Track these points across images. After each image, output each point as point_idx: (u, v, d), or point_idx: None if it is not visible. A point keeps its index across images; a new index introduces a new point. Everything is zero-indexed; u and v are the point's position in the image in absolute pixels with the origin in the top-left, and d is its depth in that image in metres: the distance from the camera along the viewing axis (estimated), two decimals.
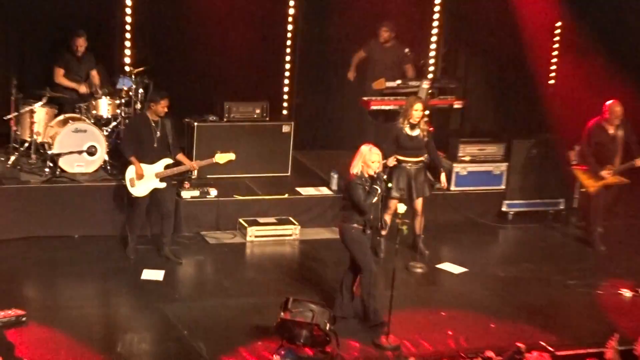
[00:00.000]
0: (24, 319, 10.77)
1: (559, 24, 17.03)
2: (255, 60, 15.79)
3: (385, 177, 11.36)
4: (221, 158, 12.82)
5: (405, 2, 16.35)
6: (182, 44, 15.39)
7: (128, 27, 15.10)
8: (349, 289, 11.44)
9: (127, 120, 14.05)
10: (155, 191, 12.65)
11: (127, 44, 15.14)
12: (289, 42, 16.01)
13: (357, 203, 10.95)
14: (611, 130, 13.90)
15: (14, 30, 14.66)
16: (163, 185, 12.63)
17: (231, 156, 12.86)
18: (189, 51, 15.40)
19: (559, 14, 16.86)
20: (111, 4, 15.06)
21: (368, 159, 11.01)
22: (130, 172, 12.56)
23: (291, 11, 15.92)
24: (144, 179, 12.55)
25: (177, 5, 15.15)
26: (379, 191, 11.03)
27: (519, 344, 9.83)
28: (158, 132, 12.58)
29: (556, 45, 17.26)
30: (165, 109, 12.57)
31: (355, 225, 11.08)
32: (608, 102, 13.87)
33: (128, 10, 15.03)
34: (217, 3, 15.13)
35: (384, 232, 12.60)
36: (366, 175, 11.02)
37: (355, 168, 11.10)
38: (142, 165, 12.52)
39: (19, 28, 14.72)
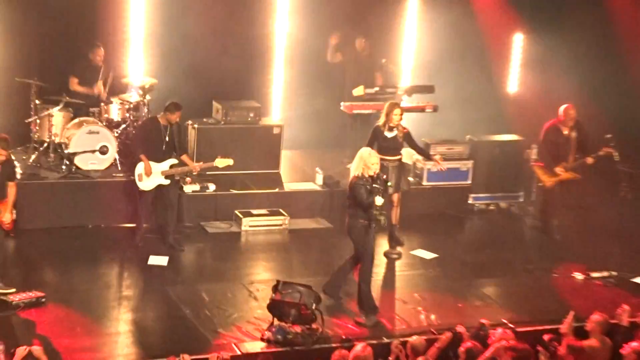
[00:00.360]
0: (43, 299, 10.87)
1: (519, 37, 17.22)
2: (250, 70, 15.81)
3: (385, 176, 11.45)
4: (221, 162, 12.93)
5: (382, 15, 16.46)
6: (184, 54, 15.22)
7: (137, 41, 15.14)
8: (344, 275, 11.55)
9: (138, 123, 14.04)
10: (160, 186, 12.70)
11: (136, 55, 15.16)
12: (279, 56, 15.93)
13: (361, 201, 11.02)
14: (565, 131, 13.94)
15: (34, 42, 14.50)
16: (167, 182, 12.70)
17: (229, 161, 12.96)
18: (190, 60, 15.23)
19: (519, 27, 17.05)
20: (121, 20, 14.99)
21: (368, 162, 11.09)
22: (140, 168, 12.63)
23: (281, 30, 15.91)
24: (151, 176, 12.62)
25: (182, 23, 15.10)
26: (380, 189, 11.01)
27: (483, 321, 10.07)
28: (167, 136, 12.67)
29: (517, 56, 17.38)
30: (177, 119, 12.73)
31: (361, 221, 11.12)
32: (563, 106, 13.95)
33: (137, 25, 15.06)
34: (216, 24, 15.24)
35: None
36: (367, 176, 11.05)
37: (357, 170, 11.15)
38: (150, 163, 12.59)
39: (39, 40, 14.57)
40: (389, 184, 11.66)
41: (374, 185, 11.00)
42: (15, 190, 11.18)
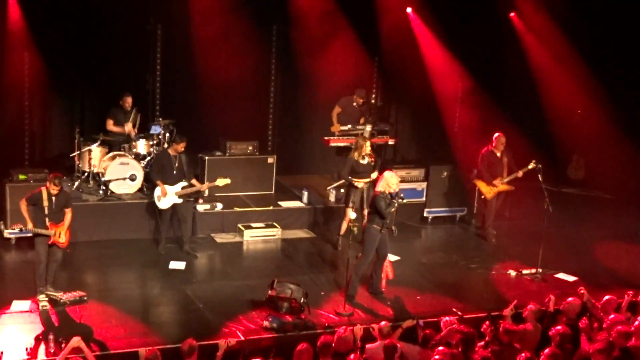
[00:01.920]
0: (85, 298, 10.83)
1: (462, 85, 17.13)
2: (250, 112, 15.72)
3: (402, 194, 11.40)
4: (221, 182, 12.88)
5: (353, 67, 16.25)
6: (195, 99, 15.20)
7: (158, 89, 15.14)
8: (376, 273, 11.54)
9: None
10: (175, 205, 12.63)
11: (157, 101, 15.13)
12: (271, 100, 15.86)
13: (380, 211, 11.09)
14: (498, 154, 13.92)
15: (76, 91, 14.57)
16: (180, 200, 12.63)
17: (228, 181, 12.94)
18: (201, 104, 15.24)
19: (461, 75, 16.93)
20: (145, 74, 15.05)
21: (390, 182, 11.23)
22: (157, 191, 12.59)
23: (275, 80, 15.83)
24: (167, 196, 12.56)
25: (193, 75, 15.04)
26: (396, 204, 11.20)
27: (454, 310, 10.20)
28: (176, 163, 12.61)
29: (459, 97, 17.28)
30: (183, 148, 12.64)
31: (375, 226, 11.18)
32: (495, 135, 13.94)
33: (157, 77, 15.07)
34: (222, 76, 15.05)
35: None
36: (387, 193, 11.18)
37: (381, 187, 11.25)
38: (165, 186, 12.53)
39: (80, 89, 14.66)
40: (403, 200, 11.46)
41: (392, 200, 11.19)
42: (70, 216, 11.03)
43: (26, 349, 9.32)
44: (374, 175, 12.92)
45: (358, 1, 15.74)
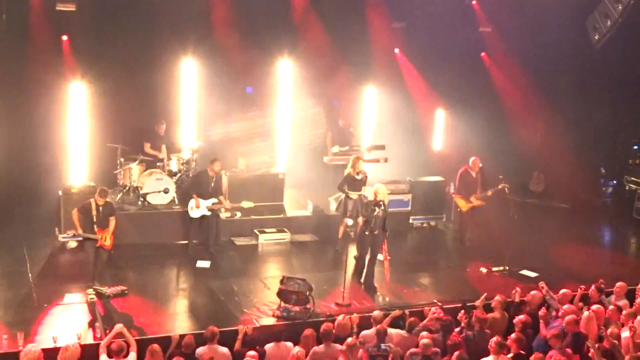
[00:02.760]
0: (126, 291, 10.87)
1: (441, 111, 17.09)
2: (264, 136, 15.73)
3: (383, 203, 11.41)
4: (245, 204, 12.85)
5: (350, 101, 16.43)
6: (219, 125, 15.25)
7: (187, 117, 15.05)
8: (371, 270, 11.57)
9: (189, 173, 14.01)
10: (204, 215, 12.64)
11: (187, 126, 15.08)
12: (284, 127, 15.69)
13: (364, 215, 11.38)
14: (473, 174, 13.92)
15: (119, 117, 14.22)
16: (209, 213, 12.62)
17: (251, 204, 12.91)
18: (223, 129, 15.29)
19: (440, 104, 17.00)
20: (176, 103, 14.96)
21: (379, 191, 11.42)
22: (192, 203, 12.57)
23: (284, 110, 15.63)
24: (199, 208, 12.58)
25: (216, 104, 15.02)
26: (378, 210, 11.25)
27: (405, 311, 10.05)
28: (212, 183, 12.64)
29: (440, 124, 17.26)
30: (217, 168, 12.64)
31: (364, 229, 11.38)
32: (472, 158, 13.99)
33: (186, 105, 15.04)
34: (241, 106, 15.26)
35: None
36: (374, 201, 11.34)
37: (370, 197, 11.52)
38: (199, 200, 12.55)
39: (122, 116, 14.21)
40: (382, 208, 11.44)
41: (374, 207, 11.20)
42: (115, 223, 11.12)
43: (77, 335, 9.34)
44: (365, 188, 12.93)
45: (355, 42, 15.92)
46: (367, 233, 11.32)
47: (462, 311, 9.63)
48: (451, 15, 16.38)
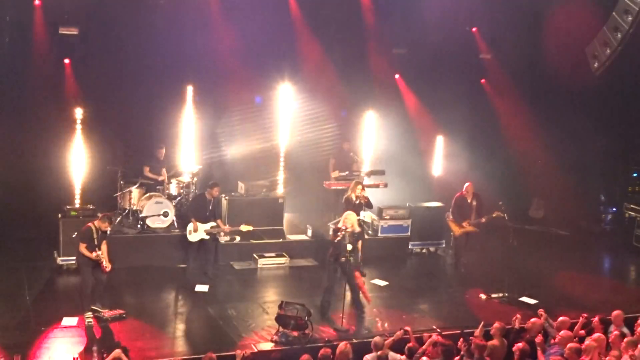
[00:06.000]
0: (124, 315, 10.83)
1: (440, 137, 17.11)
2: (263, 161, 15.77)
3: (353, 231, 11.25)
4: (244, 227, 12.85)
5: (351, 126, 16.47)
6: (218, 150, 15.36)
7: (187, 142, 15.05)
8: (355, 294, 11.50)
9: (189, 196, 14.01)
10: (202, 239, 12.66)
11: (187, 151, 15.07)
12: (282, 152, 15.73)
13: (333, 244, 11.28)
14: (468, 200, 13.95)
15: (119, 142, 14.67)
16: (207, 237, 12.65)
17: (250, 227, 12.91)
18: (223, 154, 15.43)
19: (439, 131, 16.95)
20: (176, 128, 14.96)
21: (347, 220, 11.23)
22: (190, 226, 12.60)
23: (283, 137, 15.68)
24: (197, 232, 12.60)
25: (216, 129, 15.20)
26: (340, 235, 11.09)
27: (406, 328, 9.92)
28: (210, 206, 12.67)
29: (439, 150, 17.16)
30: (216, 193, 12.68)
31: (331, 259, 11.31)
32: (466, 184, 14.04)
33: (186, 132, 15.05)
34: (240, 131, 15.34)
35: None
36: (342, 228, 11.17)
37: (339, 224, 11.32)
38: (197, 223, 12.58)
39: (122, 141, 14.75)
40: (345, 235, 11.26)
41: (338, 233, 11.13)
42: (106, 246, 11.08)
43: (74, 359, 9.25)
44: (364, 213, 12.95)
45: (356, 68, 16.01)
46: (330, 259, 11.28)
47: (461, 338, 9.54)
48: (451, 42, 16.51)
